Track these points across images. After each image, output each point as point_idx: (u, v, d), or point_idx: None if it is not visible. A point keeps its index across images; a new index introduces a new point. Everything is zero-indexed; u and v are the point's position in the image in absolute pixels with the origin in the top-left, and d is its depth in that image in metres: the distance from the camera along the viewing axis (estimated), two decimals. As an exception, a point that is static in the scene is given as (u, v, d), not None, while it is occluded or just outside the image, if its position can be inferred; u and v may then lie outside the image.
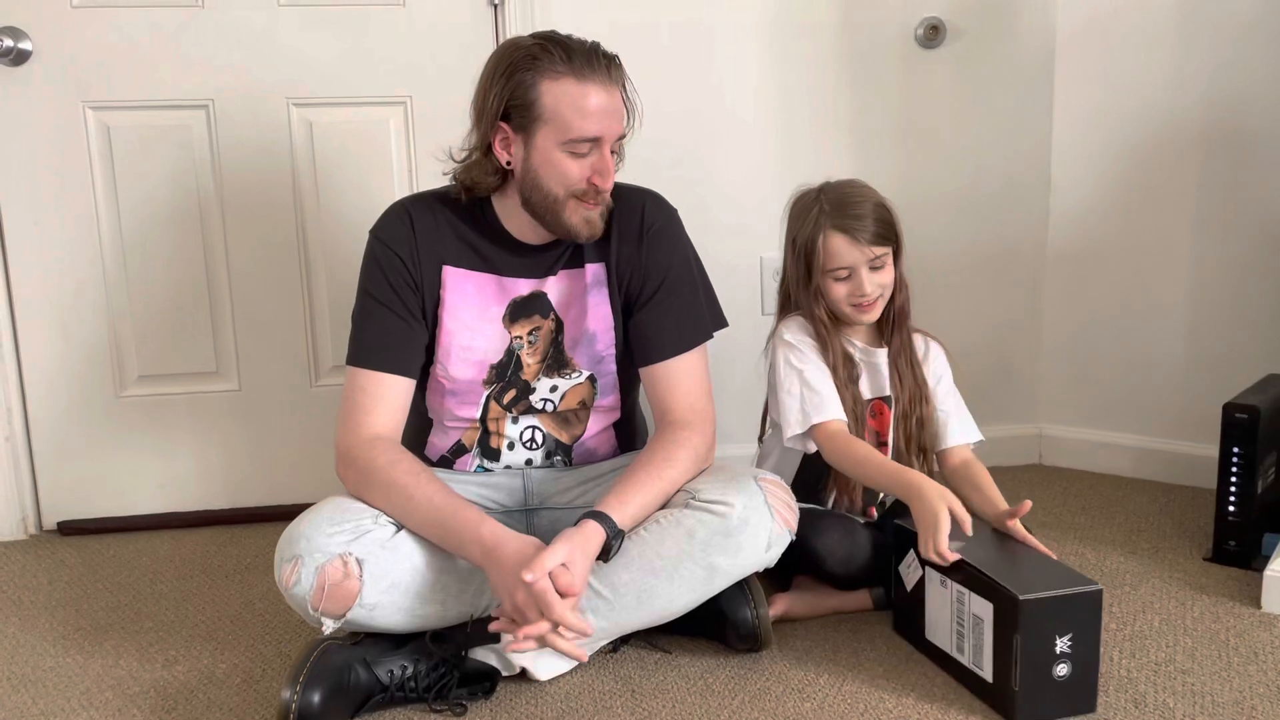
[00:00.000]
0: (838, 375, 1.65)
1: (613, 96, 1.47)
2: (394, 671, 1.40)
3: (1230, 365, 2.14)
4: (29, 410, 2.12)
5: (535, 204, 1.50)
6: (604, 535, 1.38)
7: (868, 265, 1.62)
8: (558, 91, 1.43)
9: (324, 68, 2.07)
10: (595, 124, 1.45)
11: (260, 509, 2.19)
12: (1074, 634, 1.31)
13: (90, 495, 2.16)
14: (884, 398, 1.71)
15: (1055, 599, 1.30)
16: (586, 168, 1.47)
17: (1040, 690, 1.31)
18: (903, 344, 1.71)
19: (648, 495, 1.46)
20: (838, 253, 1.62)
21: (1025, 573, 1.37)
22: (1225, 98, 2.10)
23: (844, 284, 1.64)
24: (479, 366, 1.57)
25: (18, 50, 1.97)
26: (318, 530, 1.40)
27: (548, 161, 1.47)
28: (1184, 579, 1.76)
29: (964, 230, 2.31)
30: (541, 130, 1.45)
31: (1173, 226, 2.20)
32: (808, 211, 1.65)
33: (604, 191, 1.50)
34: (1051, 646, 1.31)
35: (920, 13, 2.20)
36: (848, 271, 1.63)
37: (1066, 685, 1.32)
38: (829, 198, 1.65)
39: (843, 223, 1.61)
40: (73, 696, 1.49)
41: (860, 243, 1.61)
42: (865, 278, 1.63)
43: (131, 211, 2.08)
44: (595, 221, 1.52)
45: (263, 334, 2.15)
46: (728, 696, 1.43)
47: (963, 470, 1.68)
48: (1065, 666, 1.32)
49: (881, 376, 1.71)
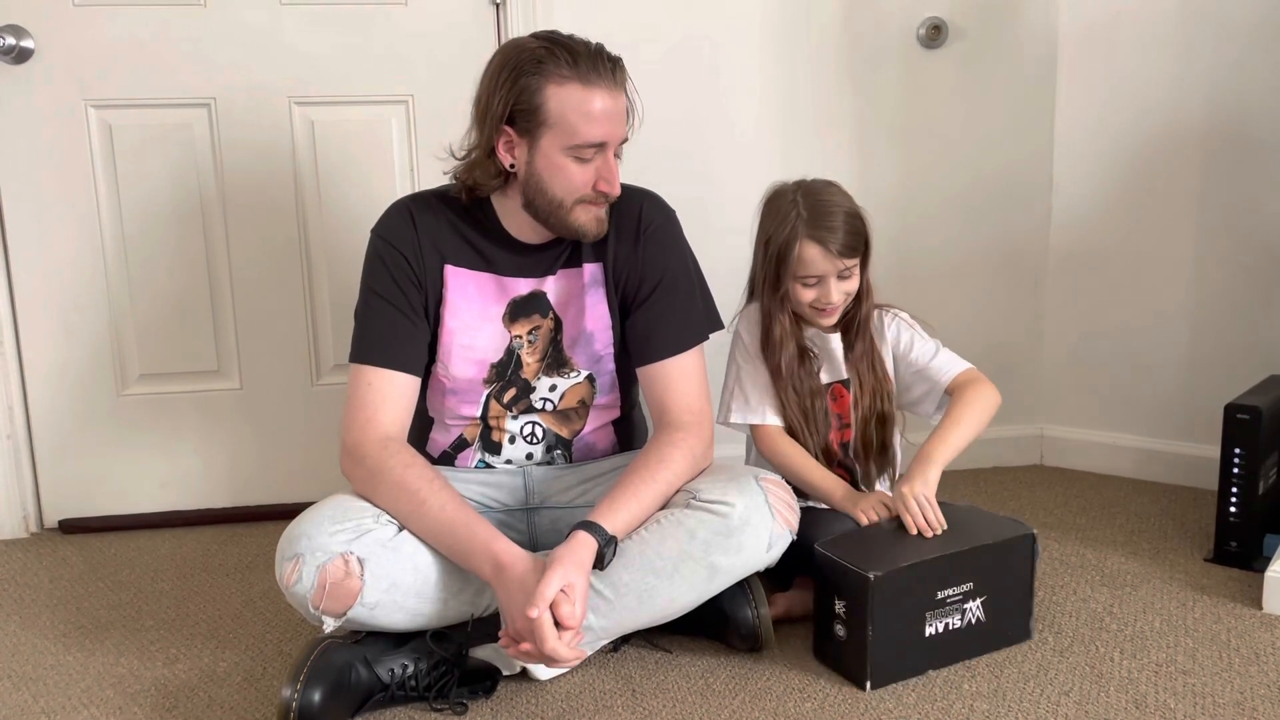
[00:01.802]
0: (791, 368, 1.68)
1: (617, 100, 1.47)
2: (395, 670, 1.40)
3: (1231, 366, 2.14)
4: (30, 408, 2.12)
5: (539, 207, 1.50)
6: (596, 544, 1.38)
7: (837, 275, 1.64)
8: (563, 97, 1.43)
9: (326, 66, 2.07)
10: (600, 129, 1.45)
11: (261, 508, 2.19)
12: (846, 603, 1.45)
13: (92, 493, 2.16)
14: (842, 381, 1.72)
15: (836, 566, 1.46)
16: (591, 173, 1.47)
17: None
18: (865, 348, 1.71)
19: (643, 500, 1.46)
20: (810, 261, 1.62)
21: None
22: (1228, 100, 2.10)
23: (811, 290, 1.65)
24: (479, 366, 1.58)
25: (20, 48, 1.97)
26: (319, 529, 1.40)
27: (552, 166, 1.47)
28: (1185, 580, 1.76)
29: (966, 231, 2.31)
30: (546, 135, 1.45)
31: (1175, 228, 2.20)
32: (784, 215, 1.65)
33: (610, 195, 1.50)
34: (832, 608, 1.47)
35: (922, 13, 2.20)
36: (816, 279, 1.64)
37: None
38: (806, 203, 1.64)
39: (818, 234, 1.61)
40: (74, 694, 1.49)
41: (832, 254, 1.62)
42: (833, 286, 1.64)
43: (133, 210, 2.08)
44: (604, 219, 1.53)
45: (264, 332, 2.15)
46: (728, 696, 1.43)
47: (954, 393, 1.68)
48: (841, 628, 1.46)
49: (837, 361, 1.72)
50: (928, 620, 1.45)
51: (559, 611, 1.31)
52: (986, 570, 1.48)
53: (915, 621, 1.44)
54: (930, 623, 1.45)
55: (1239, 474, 1.78)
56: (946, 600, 1.46)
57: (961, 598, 1.47)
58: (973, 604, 1.48)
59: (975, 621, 1.49)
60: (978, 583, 1.47)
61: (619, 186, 1.50)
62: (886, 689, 1.43)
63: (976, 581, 1.47)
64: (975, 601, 1.48)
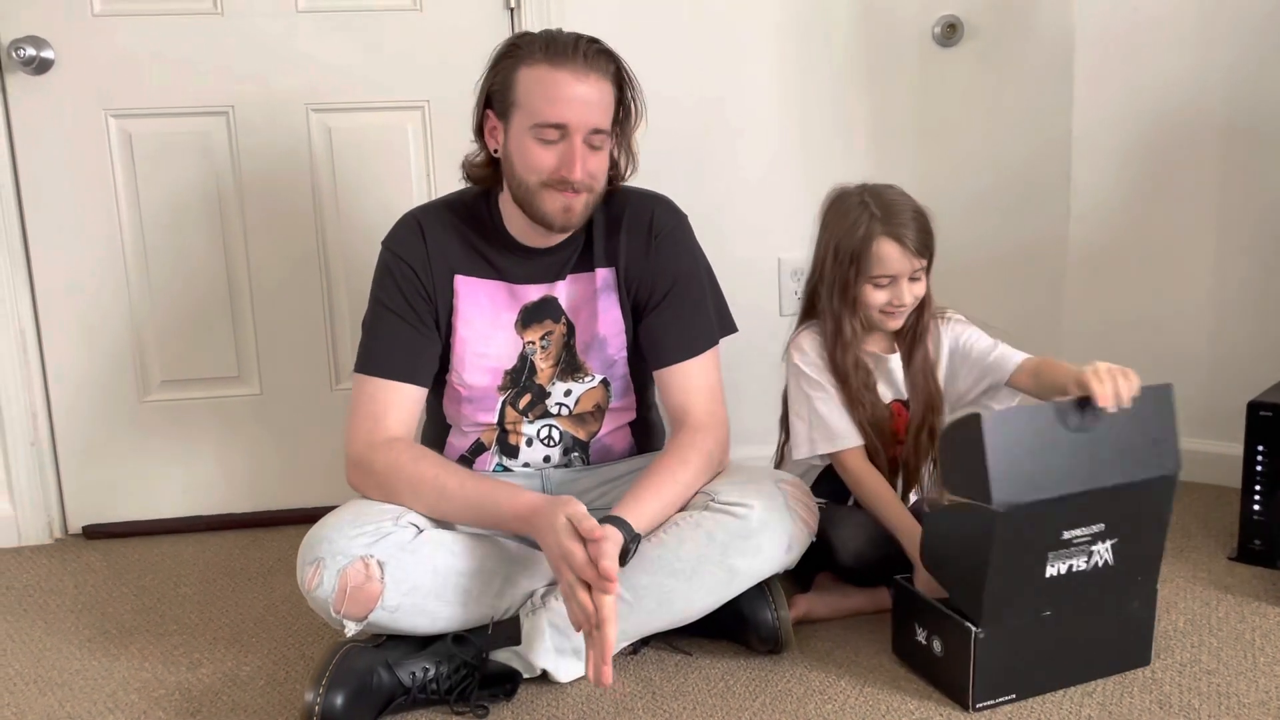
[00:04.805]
0: (853, 387, 1.64)
1: (587, 84, 1.44)
2: (416, 673, 1.40)
3: (1254, 363, 2.12)
4: (54, 416, 2.14)
5: (514, 192, 1.51)
6: (621, 539, 1.38)
7: (909, 276, 1.61)
8: (530, 77, 1.44)
9: (342, 73, 2.08)
10: (562, 110, 1.43)
11: (282, 512, 2.21)
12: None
13: (115, 499, 2.18)
14: (901, 400, 1.70)
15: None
16: (553, 156, 1.45)
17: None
18: (922, 358, 1.68)
19: (664, 499, 1.46)
20: (887, 259, 1.59)
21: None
22: (1246, 94, 2.08)
23: (884, 291, 1.61)
24: (493, 373, 1.58)
25: (40, 59, 1.99)
26: (339, 533, 1.40)
27: (519, 148, 1.47)
28: (1209, 579, 1.75)
29: (984, 228, 2.29)
30: (516, 115, 1.46)
31: (1194, 223, 2.18)
32: (854, 215, 1.61)
33: (571, 182, 1.46)
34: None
35: (938, 11, 2.19)
36: (889, 279, 1.60)
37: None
38: (877, 203, 1.61)
39: (894, 230, 1.58)
40: (99, 699, 1.50)
41: (910, 251, 1.59)
42: (905, 287, 1.61)
43: (153, 218, 2.09)
44: (574, 209, 1.49)
45: (283, 338, 2.17)
46: (749, 699, 1.43)
47: (1039, 367, 1.60)
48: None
49: (894, 380, 1.69)
50: (1049, 561, 1.36)
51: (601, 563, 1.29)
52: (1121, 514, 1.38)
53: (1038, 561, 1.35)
54: (1052, 564, 1.36)
55: (1262, 471, 1.76)
56: (1073, 541, 1.36)
57: (1090, 539, 1.37)
58: (1101, 545, 1.38)
59: (1102, 564, 1.39)
60: (1109, 525, 1.38)
61: (581, 174, 1.45)
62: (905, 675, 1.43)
63: (1108, 524, 1.38)
64: (1105, 543, 1.38)
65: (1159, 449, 1.39)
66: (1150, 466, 1.39)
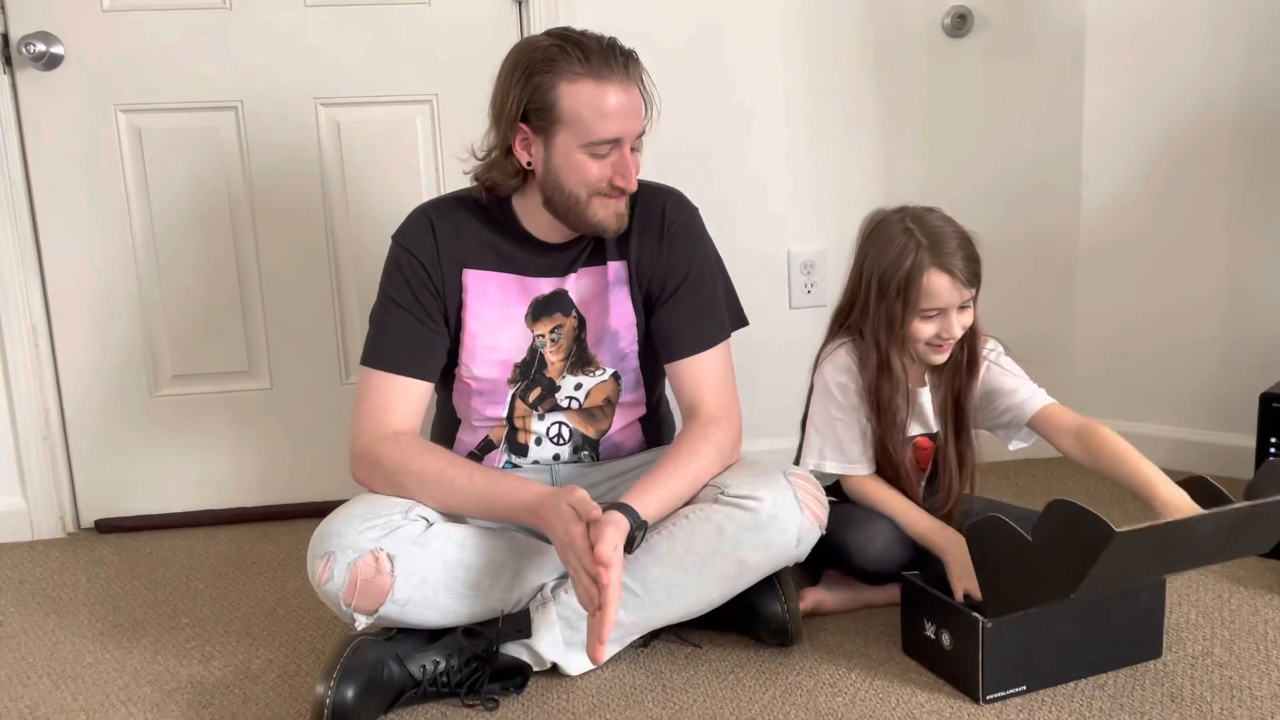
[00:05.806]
0: (891, 421, 1.59)
1: (630, 95, 1.46)
2: (426, 667, 1.41)
3: (1265, 354, 2.11)
4: (66, 410, 2.15)
5: (558, 204, 1.51)
6: (628, 526, 1.38)
7: (959, 306, 1.54)
8: (576, 93, 1.43)
9: (351, 67, 2.08)
10: (615, 125, 1.44)
11: (293, 506, 2.21)
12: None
13: (126, 493, 2.19)
14: (929, 434, 1.66)
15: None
16: (607, 168, 1.47)
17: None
18: (968, 392, 1.62)
19: (673, 488, 1.46)
20: (938, 293, 1.51)
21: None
22: (1258, 86, 2.07)
23: (932, 323, 1.54)
24: (503, 366, 1.58)
25: (50, 54, 2.00)
26: (349, 527, 1.41)
27: (569, 163, 1.47)
28: (1220, 571, 1.74)
29: (995, 222, 2.27)
30: (561, 133, 1.45)
31: (1206, 216, 2.17)
32: (899, 246, 1.53)
33: (628, 190, 1.50)
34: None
35: (948, 1, 2.18)
36: (938, 312, 1.53)
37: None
38: (922, 230, 1.53)
39: (943, 261, 1.50)
40: (112, 692, 1.51)
41: (960, 282, 1.51)
42: (954, 319, 1.53)
43: (163, 213, 2.10)
44: (623, 214, 1.53)
45: (294, 332, 2.17)
46: (759, 691, 1.43)
47: (1088, 438, 1.53)
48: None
49: (926, 414, 1.66)
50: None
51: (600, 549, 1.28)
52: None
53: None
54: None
55: (1275, 464, 1.75)
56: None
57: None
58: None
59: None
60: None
61: (635, 181, 1.50)
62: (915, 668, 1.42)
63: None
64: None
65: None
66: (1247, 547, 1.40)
